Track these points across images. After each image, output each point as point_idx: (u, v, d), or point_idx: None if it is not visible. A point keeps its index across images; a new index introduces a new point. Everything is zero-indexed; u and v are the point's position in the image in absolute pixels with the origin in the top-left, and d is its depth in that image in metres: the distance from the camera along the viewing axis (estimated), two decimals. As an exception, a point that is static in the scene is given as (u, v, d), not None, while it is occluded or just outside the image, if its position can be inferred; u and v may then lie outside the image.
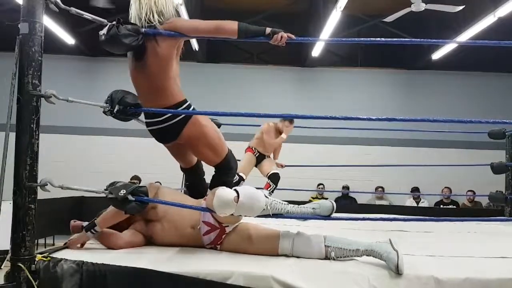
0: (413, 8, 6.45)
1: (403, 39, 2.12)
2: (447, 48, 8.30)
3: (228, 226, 2.29)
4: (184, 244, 2.34)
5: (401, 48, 9.38)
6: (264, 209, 2.16)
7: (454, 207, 8.52)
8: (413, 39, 2.14)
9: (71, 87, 8.57)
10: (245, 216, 2.21)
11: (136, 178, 8.15)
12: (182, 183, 5.06)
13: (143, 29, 2.22)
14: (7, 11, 7.28)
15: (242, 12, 8.66)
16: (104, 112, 2.24)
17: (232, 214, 2.14)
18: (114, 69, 9.22)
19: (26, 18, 1.93)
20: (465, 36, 7.43)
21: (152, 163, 8.02)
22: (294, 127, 5.57)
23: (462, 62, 9.19)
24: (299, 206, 2.30)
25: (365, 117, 2.01)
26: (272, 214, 2.20)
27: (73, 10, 2.06)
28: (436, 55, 8.67)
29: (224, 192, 2.13)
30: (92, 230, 2.24)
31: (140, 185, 2.27)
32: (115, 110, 2.19)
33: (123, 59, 2.48)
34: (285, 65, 9.70)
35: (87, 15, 2.14)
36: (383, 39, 2.35)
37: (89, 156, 9.07)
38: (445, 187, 8.56)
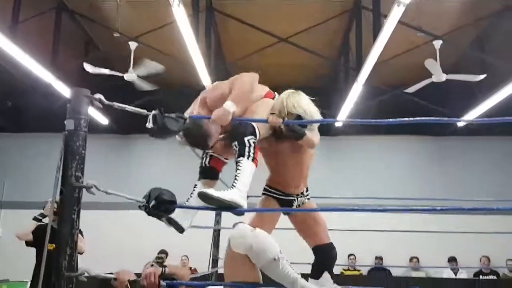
0: (434, 79, 6.54)
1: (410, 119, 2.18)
2: (473, 114, 8.29)
3: None
4: None
5: (426, 115, 9.36)
6: (275, 259, 2.27)
7: (495, 277, 8.09)
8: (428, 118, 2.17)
9: (106, 164, 8.99)
10: (254, 260, 2.32)
11: (163, 252, 8.17)
12: (210, 256, 4.98)
13: (186, 114, 2.39)
14: (44, 95, 7.69)
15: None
16: (139, 207, 2.28)
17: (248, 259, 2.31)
18: (146, 146, 9.58)
19: (71, 115, 2.00)
20: (490, 102, 7.44)
21: (178, 237, 7.96)
22: (325, 197, 5.37)
23: (489, 127, 9.11)
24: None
25: (393, 207, 2.03)
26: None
27: (116, 105, 2.16)
28: (462, 122, 8.66)
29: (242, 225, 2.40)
30: None
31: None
32: (151, 205, 2.24)
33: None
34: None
35: (129, 108, 2.25)
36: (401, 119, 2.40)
37: (115, 232, 9.18)
38: (483, 256, 8.20)
